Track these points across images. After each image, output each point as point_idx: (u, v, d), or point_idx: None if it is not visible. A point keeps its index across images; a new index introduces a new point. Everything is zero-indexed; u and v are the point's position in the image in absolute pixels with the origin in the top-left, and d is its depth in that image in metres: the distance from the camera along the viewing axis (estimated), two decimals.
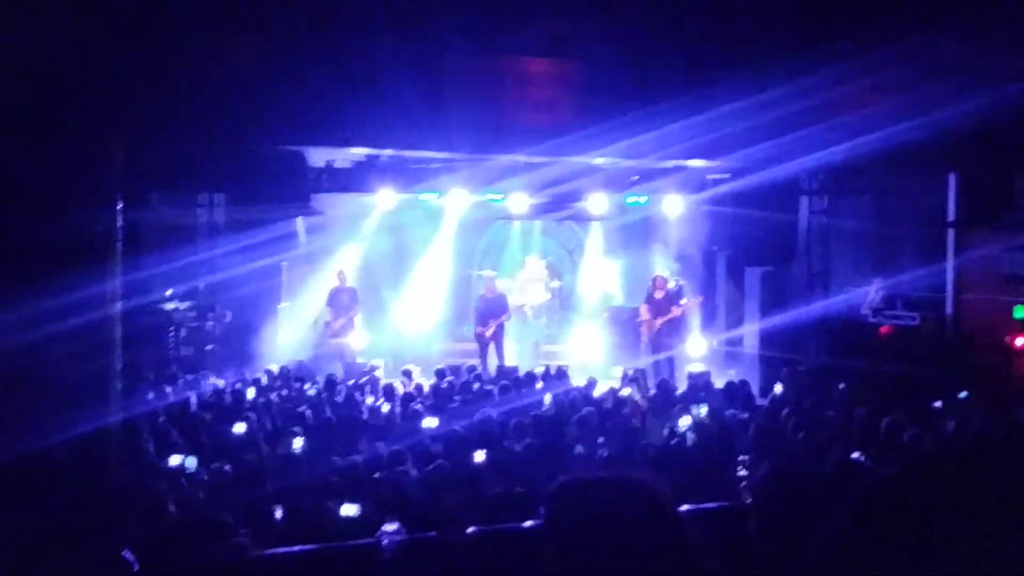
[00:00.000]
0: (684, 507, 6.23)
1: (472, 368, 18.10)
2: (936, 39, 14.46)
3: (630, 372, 17.50)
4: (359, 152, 18.05)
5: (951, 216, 18.34)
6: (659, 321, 19.67)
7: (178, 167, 14.84)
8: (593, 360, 20.42)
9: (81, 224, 6.89)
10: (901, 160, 15.93)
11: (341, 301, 20.05)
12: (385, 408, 14.27)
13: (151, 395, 14.03)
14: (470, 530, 7.48)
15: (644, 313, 20.00)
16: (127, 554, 5.50)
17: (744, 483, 9.26)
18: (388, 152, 17.65)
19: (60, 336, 6.89)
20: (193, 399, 14.49)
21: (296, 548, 7.34)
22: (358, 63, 14.27)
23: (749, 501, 5.74)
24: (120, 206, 7.23)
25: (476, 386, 15.91)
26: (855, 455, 10.21)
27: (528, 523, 7.62)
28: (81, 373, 7.02)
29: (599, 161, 17.34)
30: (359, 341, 20.26)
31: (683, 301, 20.06)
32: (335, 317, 19.96)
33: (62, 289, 6.80)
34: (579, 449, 11.75)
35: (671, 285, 20.19)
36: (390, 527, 7.46)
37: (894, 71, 14.94)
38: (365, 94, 14.38)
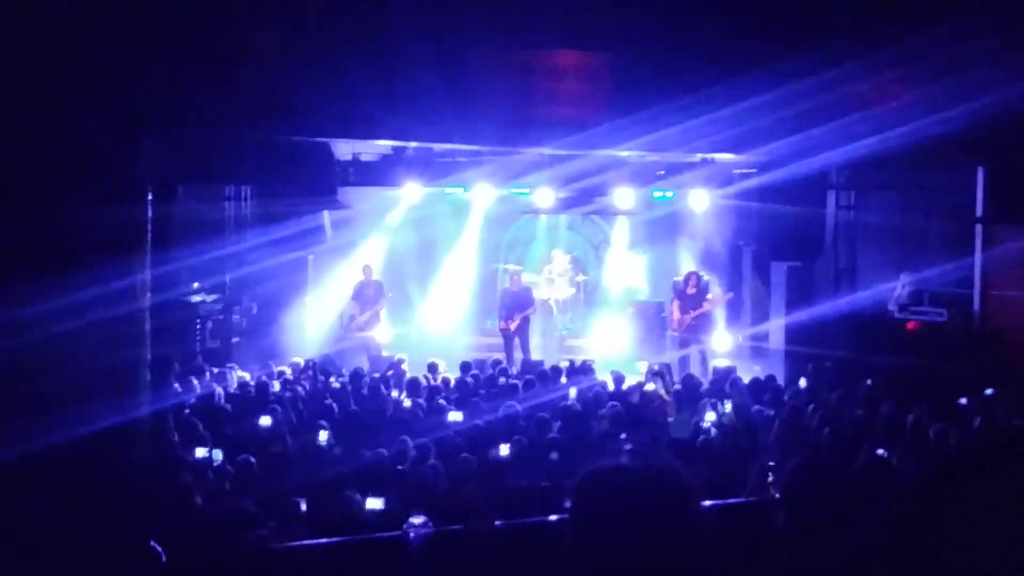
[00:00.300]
0: (708, 502, 6.23)
1: (497, 362, 18.09)
2: (964, 31, 14.37)
3: (655, 367, 17.46)
4: (385, 144, 18.09)
5: (979, 211, 18.23)
6: (690, 316, 19.65)
7: (205, 160, 14.91)
8: (618, 355, 20.40)
9: (111, 217, 6.92)
10: (928, 154, 15.85)
11: (367, 295, 20.08)
12: (409, 402, 14.30)
13: (178, 387, 14.09)
14: (496, 523, 7.49)
15: (675, 309, 19.98)
16: (155, 545, 5.54)
17: (771, 478, 9.23)
18: (414, 144, 17.69)
19: (90, 328, 6.93)
20: (219, 392, 14.54)
21: (321, 540, 7.37)
22: (385, 55, 14.30)
23: (776, 496, 5.73)
24: (150, 199, 7.26)
25: (501, 380, 15.92)
26: (880, 452, 10.18)
27: (554, 517, 7.63)
28: (111, 365, 7.05)
29: (625, 154, 17.34)
30: (384, 335, 20.30)
31: (710, 296, 20.02)
32: (361, 311, 19.99)
33: (93, 281, 6.84)
34: (604, 443, 11.76)
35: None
36: (417, 520, 7.47)
37: (921, 64, 14.86)
38: (392, 86, 14.42)
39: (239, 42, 12.71)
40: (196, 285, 18.21)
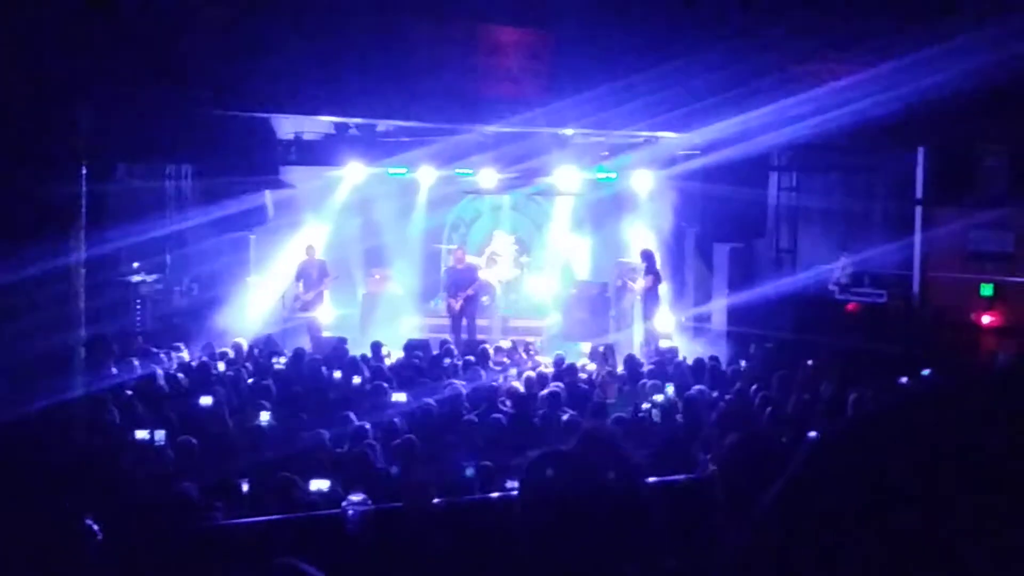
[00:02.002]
0: (652, 479, 6.25)
1: (444, 342, 18.05)
2: (905, 13, 14.50)
3: (600, 348, 17.52)
4: (327, 123, 17.99)
5: (919, 193, 18.42)
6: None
7: (145, 137, 14.71)
8: (561, 336, 20.45)
9: (43, 192, 6.80)
10: (869, 136, 16.00)
11: (310, 274, 19.96)
12: (356, 380, 14.24)
13: (117, 369, 13.94)
14: (436, 501, 7.48)
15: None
16: (90, 523, 5.48)
17: (709, 456, 9.28)
18: (357, 120, 17.59)
19: (22, 308, 6.82)
20: (160, 373, 14.41)
21: (259, 519, 7.33)
22: (326, 30, 14.19)
23: (712, 471, 5.76)
24: (84, 174, 7.13)
25: (447, 361, 15.89)
26: (812, 434, 10.25)
27: (495, 495, 7.64)
28: (43, 347, 6.94)
29: (569, 132, 17.34)
30: (327, 315, 20.21)
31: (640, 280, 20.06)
32: (304, 290, 19.88)
33: (23, 260, 6.72)
34: (546, 423, 11.77)
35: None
36: (355, 498, 7.45)
37: (862, 46, 14.97)
38: (332, 62, 14.31)
39: (178, 15, 12.55)
40: (136, 265, 18.02)
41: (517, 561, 2.60)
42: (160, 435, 10.57)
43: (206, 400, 12.34)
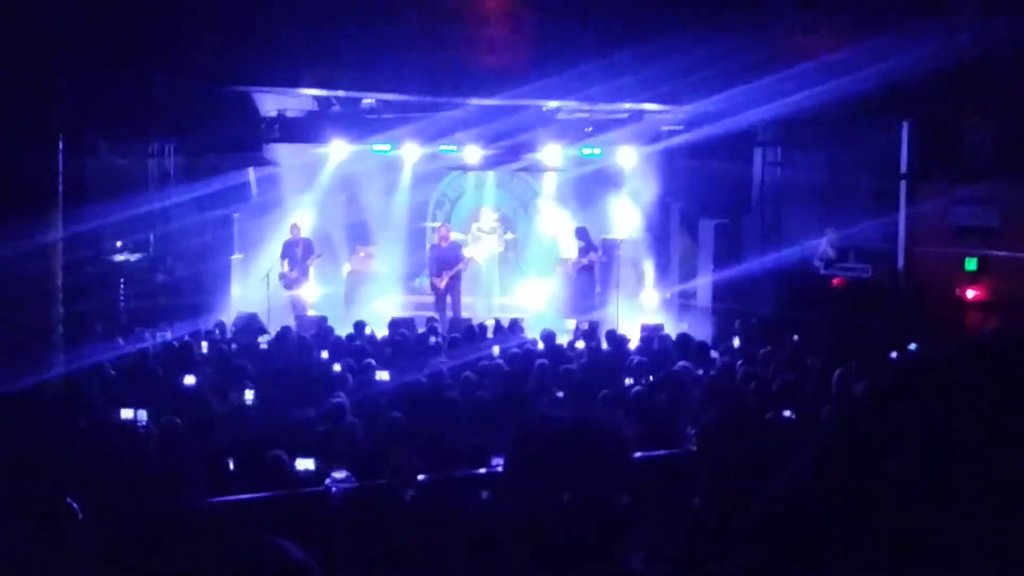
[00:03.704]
0: (638, 454, 6.24)
1: (431, 320, 18.02)
2: None
3: (584, 326, 17.51)
4: (309, 96, 17.92)
5: (903, 167, 18.43)
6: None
7: (126, 113, 14.62)
8: (547, 312, 20.44)
9: (20, 167, 6.71)
10: (854, 110, 15.98)
11: (295, 253, 19.93)
12: (338, 363, 14.20)
13: (100, 347, 13.88)
14: (420, 477, 7.47)
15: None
16: (71, 502, 5.44)
17: (691, 431, 9.29)
18: (338, 94, 17.52)
19: None
20: (144, 352, 14.34)
21: (242, 496, 7.30)
22: (307, 3, 14.11)
23: (695, 448, 5.76)
24: (61, 147, 7.04)
25: (432, 339, 15.85)
26: (787, 413, 10.26)
27: (482, 471, 7.63)
28: (18, 324, 6.88)
29: (554, 104, 17.28)
30: (312, 293, 20.18)
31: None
32: (289, 268, 19.85)
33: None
34: (533, 401, 11.75)
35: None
36: (339, 475, 7.43)
37: (847, 19, 14.94)
38: (314, 36, 14.24)
39: None
40: (119, 243, 17.93)
41: (503, 536, 2.59)
42: (143, 415, 10.53)
43: (190, 379, 12.29)
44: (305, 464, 8.54)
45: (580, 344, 15.91)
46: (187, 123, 15.95)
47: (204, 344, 15.27)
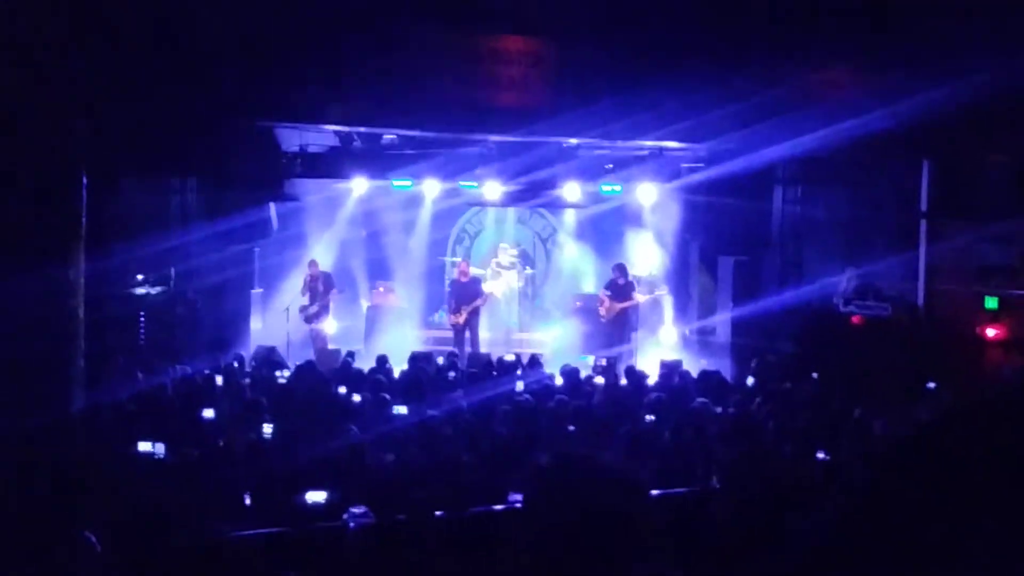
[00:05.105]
0: (655, 492, 6.22)
1: (452, 355, 18.01)
2: (909, 27, 14.48)
3: (603, 362, 17.48)
4: (331, 135, 18.01)
5: (923, 205, 18.39)
6: (618, 307, 19.77)
7: (149, 151, 14.72)
8: (566, 348, 20.41)
9: (41, 203, 6.76)
10: (874, 149, 15.98)
11: (316, 287, 20.00)
12: (357, 396, 14.19)
13: (121, 382, 13.91)
14: (437, 514, 7.45)
15: (604, 299, 20.06)
16: (89, 536, 5.45)
17: (713, 469, 9.25)
18: (359, 130, 17.61)
19: (20, 323, 6.78)
20: (163, 385, 14.37)
21: (260, 531, 7.29)
22: (328, 40, 14.19)
23: (717, 486, 5.73)
24: (85, 184, 7.08)
25: (451, 374, 15.84)
26: (820, 455, 10.22)
27: (499, 507, 7.61)
28: (39, 360, 6.90)
29: (574, 142, 17.34)
30: (332, 327, 20.22)
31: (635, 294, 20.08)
32: (310, 302, 19.93)
33: (22, 274, 6.67)
34: (551, 437, 11.72)
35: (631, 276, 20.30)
36: (357, 510, 7.42)
37: (867, 58, 14.96)
38: (336, 71, 14.33)
39: (181, 26, 12.54)
40: (140, 277, 18.00)
41: (520, 572, 2.58)
42: (161, 448, 10.54)
43: (208, 413, 12.30)
44: (316, 497, 8.52)
45: (599, 380, 15.87)
46: (209, 159, 16.05)
47: (222, 378, 15.29)
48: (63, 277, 6.96)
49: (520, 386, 14.88)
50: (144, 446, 10.49)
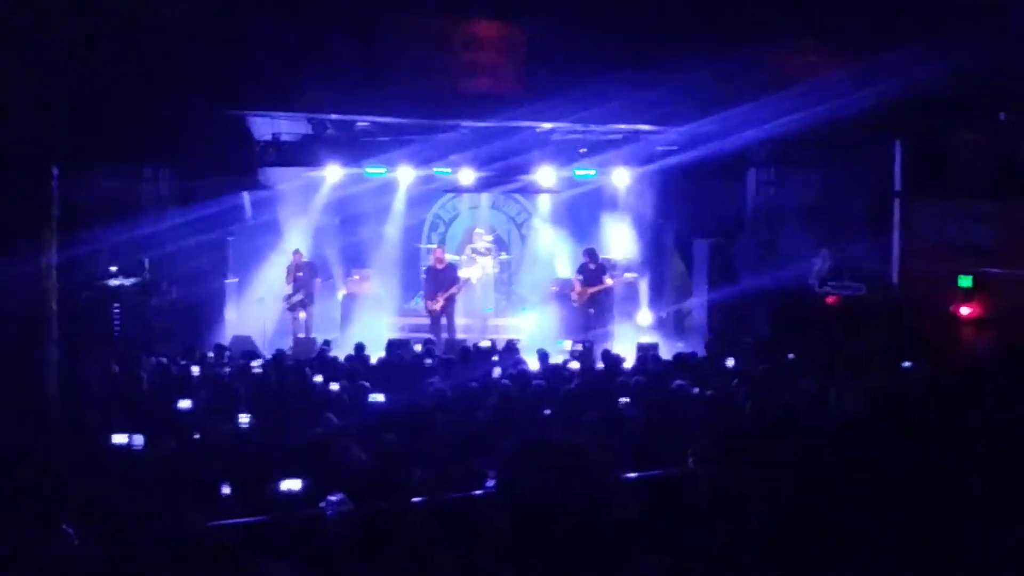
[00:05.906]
0: (632, 475, 6.22)
1: (428, 341, 18.00)
2: (879, 9, 14.53)
3: (579, 347, 17.49)
4: (302, 117, 17.95)
5: (897, 186, 18.45)
6: (589, 291, 19.79)
7: (121, 140, 14.62)
8: (542, 333, 20.41)
9: (12, 190, 6.71)
10: (847, 130, 16.03)
11: (297, 276, 19.99)
12: (334, 384, 14.16)
13: (96, 374, 13.84)
14: (415, 500, 7.45)
15: (576, 284, 20.08)
16: (66, 528, 5.43)
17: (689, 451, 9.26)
18: (332, 117, 17.56)
19: None
20: (139, 377, 14.30)
21: (237, 520, 7.28)
22: (298, 26, 14.14)
23: (694, 468, 5.74)
24: (56, 172, 7.03)
25: (428, 361, 15.83)
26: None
27: (477, 492, 7.60)
28: (12, 347, 6.87)
29: (546, 126, 17.32)
30: (310, 315, 20.20)
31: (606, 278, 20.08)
32: (293, 291, 19.92)
33: None
34: (529, 421, 11.72)
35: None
36: (334, 498, 7.40)
37: (839, 41, 15.00)
38: (308, 59, 14.27)
39: (152, 15, 12.46)
40: (114, 269, 17.90)
41: (497, 556, 2.58)
42: (138, 439, 10.50)
43: (185, 403, 12.26)
44: (291, 485, 8.50)
45: (574, 364, 15.88)
46: (182, 147, 15.97)
47: (197, 368, 15.23)
48: (34, 262, 6.94)
49: (498, 372, 14.88)
50: (121, 438, 10.44)
